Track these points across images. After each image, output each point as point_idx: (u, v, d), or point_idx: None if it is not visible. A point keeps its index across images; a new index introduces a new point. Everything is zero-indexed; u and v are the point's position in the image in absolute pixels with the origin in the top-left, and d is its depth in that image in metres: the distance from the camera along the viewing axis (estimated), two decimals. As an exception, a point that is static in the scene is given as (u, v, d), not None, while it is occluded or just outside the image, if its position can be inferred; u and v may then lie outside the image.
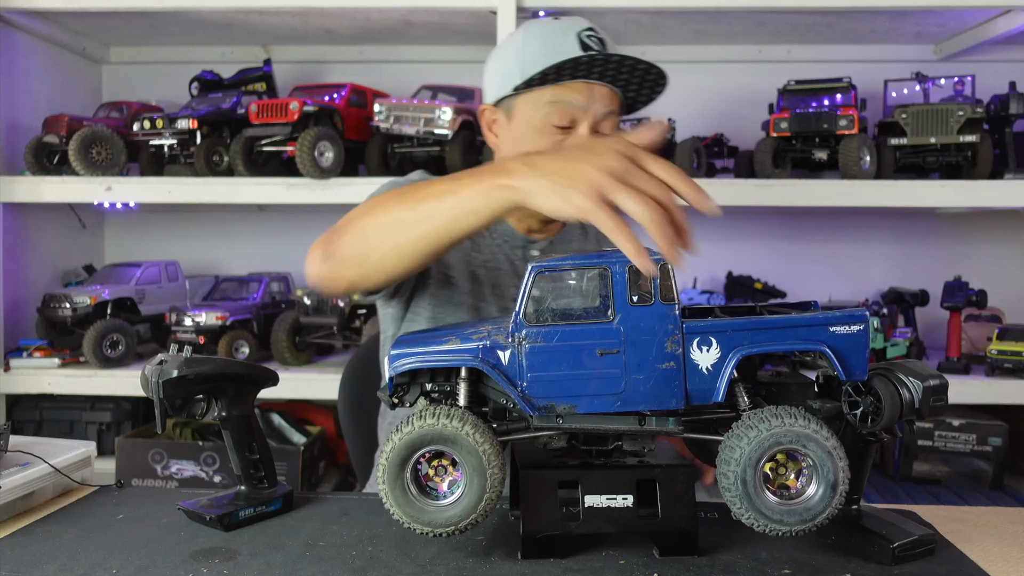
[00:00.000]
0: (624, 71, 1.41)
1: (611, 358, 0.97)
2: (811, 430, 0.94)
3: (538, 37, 1.45)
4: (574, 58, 1.36)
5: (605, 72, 1.41)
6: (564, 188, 0.91)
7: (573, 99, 1.41)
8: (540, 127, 1.43)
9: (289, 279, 3.05)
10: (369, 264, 1.16)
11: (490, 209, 1.01)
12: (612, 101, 1.44)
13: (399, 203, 1.11)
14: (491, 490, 0.95)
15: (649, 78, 1.44)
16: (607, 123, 1.44)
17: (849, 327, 0.98)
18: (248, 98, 2.76)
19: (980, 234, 3.11)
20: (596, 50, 1.40)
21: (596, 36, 1.43)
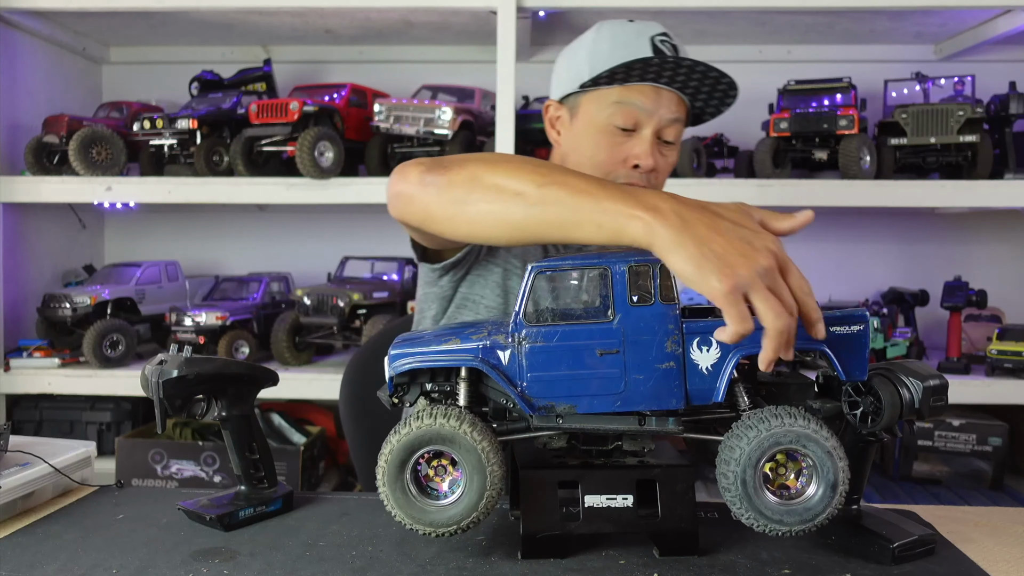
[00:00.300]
0: (695, 78, 1.37)
1: (611, 358, 0.97)
2: (811, 430, 0.94)
3: (610, 37, 1.42)
4: (643, 59, 1.32)
5: (675, 78, 1.36)
6: (707, 262, 0.87)
7: (639, 101, 1.37)
8: (603, 127, 1.40)
9: (289, 279, 3.05)
10: (463, 212, 1.07)
11: (616, 233, 0.95)
12: (679, 108, 1.40)
13: (528, 171, 1.02)
14: (491, 487, 0.95)
15: (720, 87, 1.40)
16: (671, 130, 1.40)
17: (849, 327, 0.98)
18: (248, 98, 2.76)
19: (980, 234, 3.11)
20: (668, 54, 1.36)
21: (670, 41, 1.40)
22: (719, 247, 0.88)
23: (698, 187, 2.58)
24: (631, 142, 1.39)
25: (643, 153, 1.37)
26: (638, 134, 1.38)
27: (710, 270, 0.87)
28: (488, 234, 1.06)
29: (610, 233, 0.95)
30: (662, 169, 1.41)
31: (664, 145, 1.41)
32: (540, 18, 2.74)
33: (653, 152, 1.38)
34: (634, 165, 1.38)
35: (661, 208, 0.93)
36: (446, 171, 1.09)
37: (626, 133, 1.39)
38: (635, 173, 1.39)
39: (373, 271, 2.94)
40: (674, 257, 0.89)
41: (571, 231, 0.98)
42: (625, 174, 1.39)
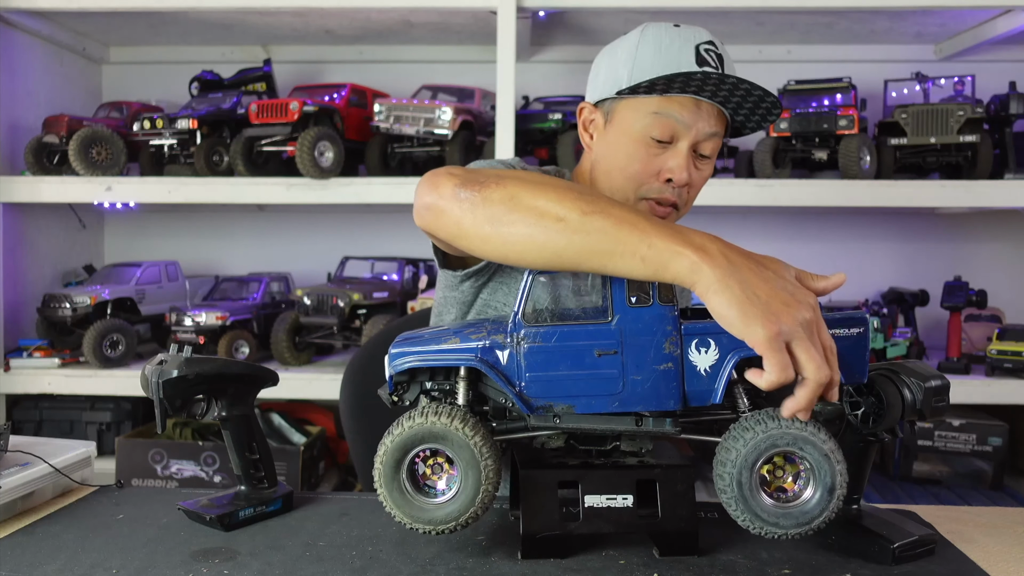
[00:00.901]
0: (738, 94, 1.32)
1: (609, 359, 0.97)
2: (808, 433, 0.93)
3: (654, 43, 1.36)
4: (687, 72, 1.28)
5: (717, 92, 1.32)
6: (752, 307, 0.89)
7: (678, 114, 1.32)
8: (638, 137, 1.35)
9: (289, 279, 3.05)
10: (499, 232, 1.02)
11: (660, 268, 0.93)
12: (719, 122, 1.35)
13: (572, 197, 0.99)
14: (487, 482, 0.96)
15: (763, 105, 1.35)
16: (708, 144, 1.35)
17: (849, 330, 0.98)
18: (248, 98, 2.76)
19: (980, 234, 3.11)
20: (713, 66, 1.32)
21: (715, 51, 1.35)
22: (764, 294, 0.90)
23: (698, 187, 2.58)
24: (666, 155, 1.34)
25: (678, 167, 1.33)
26: (674, 147, 1.34)
27: (754, 316, 0.88)
28: (523, 258, 1.02)
29: (654, 268, 0.93)
30: (696, 184, 1.37)
31: (700, 159, 1.36)
32: (540, 18, 2.74)
33: (688, 166, 1.33)
34: (667, 179, 1.34)
35: (708, 248, 0.93)
36: (482, 187, 1.04)
37: (661, 145, 1.34)
38: (667, 187, 1.35)
39: (373, 271, 2.94)
40: (718, 299, 0.90)
41: (613, 262, 0.95)
42: (658, 188, 1.35)
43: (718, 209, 3.01)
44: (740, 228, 3.14)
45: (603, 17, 2.76)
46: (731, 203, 2.58)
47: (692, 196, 1.39)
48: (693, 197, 1.40)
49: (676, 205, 1.36)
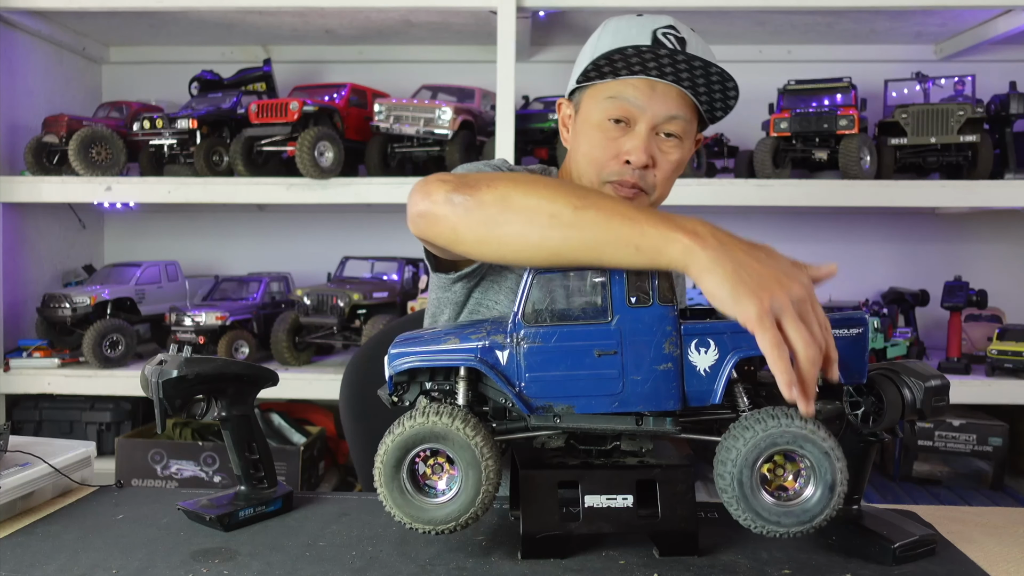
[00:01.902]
0: (699, 75, 1.32)
1: (609, 359, 0.97)
2: (808, 431, 0.93)
3: (613, 32, 1.38)
4: (627, 48, 1.28)
5: (677, 73, 1.32)
6: (743, 285, 0.89)
7: (632, 96, 1.33)
8: (597, 122, 1.36)
9: (289, 279, 3.05)
10: (493, 233, 1.04)
11: (654, 255, 0.95)
12: (680, 105, 1.34)
13: (563, 194, 1.02)
14: (487, 482, 0.96)
15: (729, 85, 1.35)
16: (671, 126, 1.35)
17: (848, 330, 0.98)
18: (248, 98, 2.76)
19: (980, 234, 3.11)
20: (669, 47, 1.31)
21: (675, 34, 1.34)
22: (755, 272, 0.90)
23: (698, 187, 2.58)
24: (625, 137, 1.35)
25: (635, 148, 1.33)
26: (632, 129, 1.35)
27: (745, 293, 0.88)
28: (519, 257, 1.03)
29: (648, 256, 0.95)
30: (661, 166, 1.37)
31: (665, 142, 1.36)
32: (540, 18, 2.74)
33: (647, 147, 1.34)
34: (626, 161, 1.35)
35: (700, 232, 0.96)
36: (475, 191, 1.05)
37: (621, 128, 1.35)
38: (627, 169, 1.35)
39: (373, 271, 2.94)
40: (710, 278, 0.91)
41: (607, 253, 0.97)
42: (618, 170, 1.36)
43: (718, 209, 3.01)
44: (740, 228, 3.10)
45: (603, 17, 2.72)
46: (731, 203, 2.58)
47: (660, 179, 1.38)
48: (661, 180, 1.38)
49: (642, 188, 1.36)
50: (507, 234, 1.02)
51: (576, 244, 0.98)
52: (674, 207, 3.03)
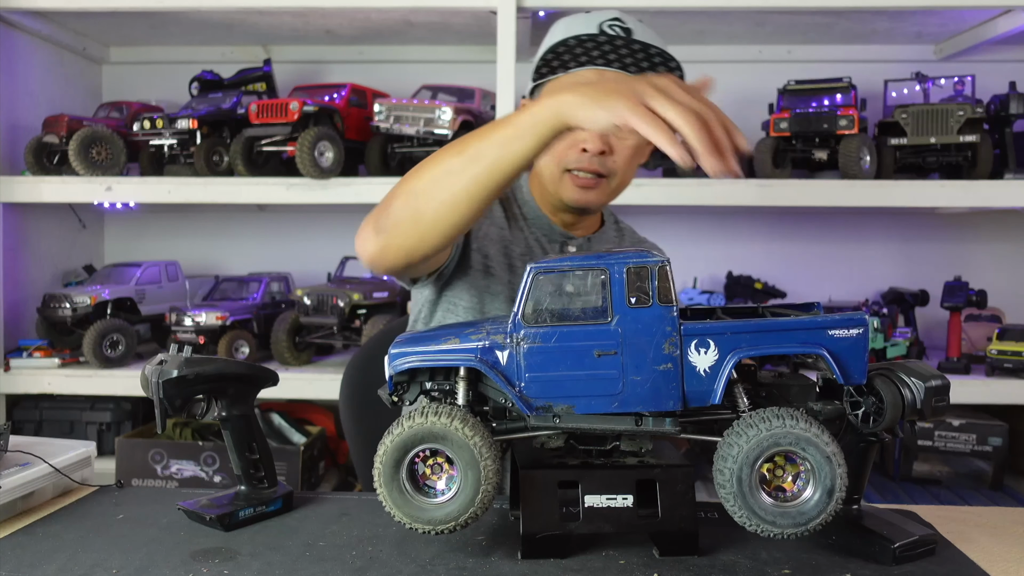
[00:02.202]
0: (643, 60, 1.38)
1: (609, 359, 0.97)
2: (811, 434, 0.93)
3: (564, 30, 1.43)
4: (564, 41, 1.35)
5: (624, 61, 1.37)
6: (606, 98, 0.97)
7: None
8: None
9: (289, 279, 3.05)
10: (425, 223, 1.14)
11: (534, 129, 1.04)
12: None
13: (445, 153, 1.13)
14: (486, 482, 0.96)
15: (671, 65, 1.40)
16: None
17: (848, 331, 0.98)
18: (248, 98, 2.76)
19: (980, 234, 3.11)
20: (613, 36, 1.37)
21: (621, 25, 1.40)
22: (614, 84, 1.00)
23: (698, 187, 2.58)
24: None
25: (589, 136, 1.39)
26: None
27: (610, 99, 0.97)
28: (457, 219, 1.13)
29: (535, 133, 1.05)
30: (619, 151, 1.43)
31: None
32: (540, 18, 2.74)
33: (599, 135, 1.39)
34: (583, 149, 1.41)
35: (553, 91, 1.10)
36: (386, 207, 1.18)
37: None
38: (585, 156, 1.42)
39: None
40: (582, 112, 1.00)
41: (506, 159, 1.07)
42: (576, 158, 1.42)
43: (718, 209, 3.01)
44: (740, 228, 3.14)
45: (603, 17, 2.75)
46: (731, 203, 2.58)
47: (622, 164, 1.44)
48: (624, 165, 1.45)
49: (602, 174, 1.43)
50: (432, 214, 1.13)
51: (480, 176, 1.09)
52: (674, 207, 3.03)
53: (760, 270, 3.07)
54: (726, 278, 3.04)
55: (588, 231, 1.61)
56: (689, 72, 3.24)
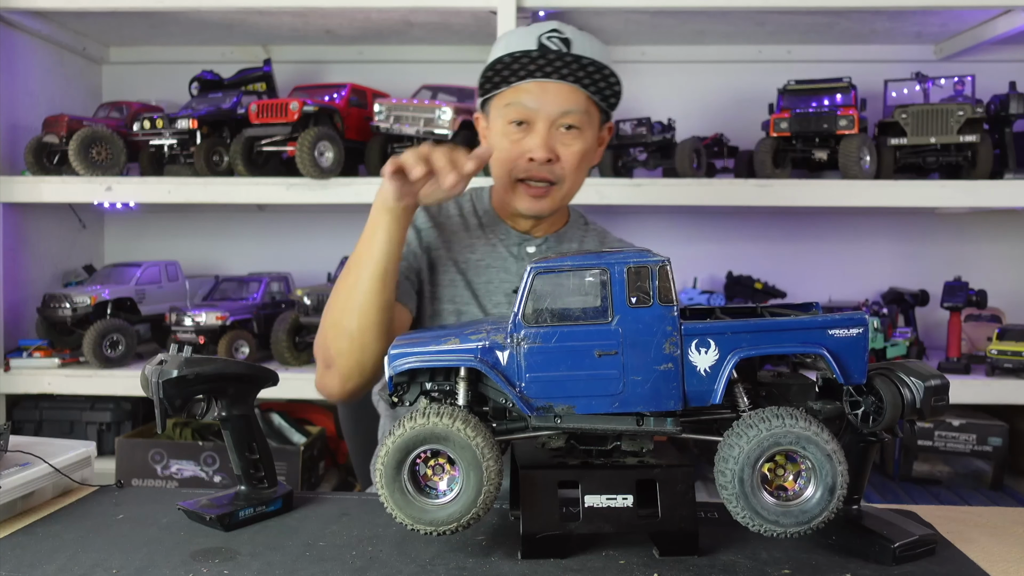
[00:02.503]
0: (579, 71, 1.45)
1: (609, 359, 0.97)
2: (812, 432, 0.94)
3: (504, 45, 1.50)
4: (501, 59, 1.44)
5: (563, 71, 1.45)
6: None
7: (525, 100, 1.47)
8: (501, 128, 1.50)
9: (289, 279, 3.05)
10: (358, 334, 1.36)
11: (379, 219, 1.34)
12: (572, 99, 1.47)
13: (340, 280, 1.40)
14: (488, 483, 0.96)
15: (606, 72, 1.47)
16: (567, 119, 1.47)
17: (848, 330, 0.98)
18: (248, 98, 2.76)
19: (980, 234, 3.11)
20: (554, 50, 1.44)
21: (559, 36, 1.46)
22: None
23: (698, 187, 2.58)
24: (527, 137, 1.48)
25: (535, 146, 1.46)
26: (533, 129, 1.48)
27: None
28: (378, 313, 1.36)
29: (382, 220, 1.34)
30: (566, 158, 1.49)
31: (565, 134, 1.48)
32: (540, 18, 2.73)
33: (547, 143, 1.46)
34: (531, 158, 1.48)
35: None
36: (323, 347, 1.42)
37: (523, 129, 1.48)
38: (533, 165, 1.48)
39: (373, 271, 2.93)
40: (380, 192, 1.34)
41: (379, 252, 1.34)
42: (525, 167, 1.49)
43: (718, 209, 3.01)
44: (740, 228, 3.14)
45: (603, 17, 2.76)
46: (731, 203, 2.58)
47: (570, 170, 1.51)
48: (573, 171, 1.52)
49: (551, 181, 1.50)
50: (359, 323, 1.35)
51: (372, 271, 1.34)
52: (674, 207, 3.03)
53: (760, 270, 3.07)
54: (726, 278, 3.04)
55: (550, 230, 1.66)
56: (689, 72, 3.26)
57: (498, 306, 1.57)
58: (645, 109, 2.92)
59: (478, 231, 1.62)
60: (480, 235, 1.62)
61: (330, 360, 1.41)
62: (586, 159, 1.53)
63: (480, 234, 1.62)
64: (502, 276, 1.59)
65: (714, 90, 3.11)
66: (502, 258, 1.60)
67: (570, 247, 1.65)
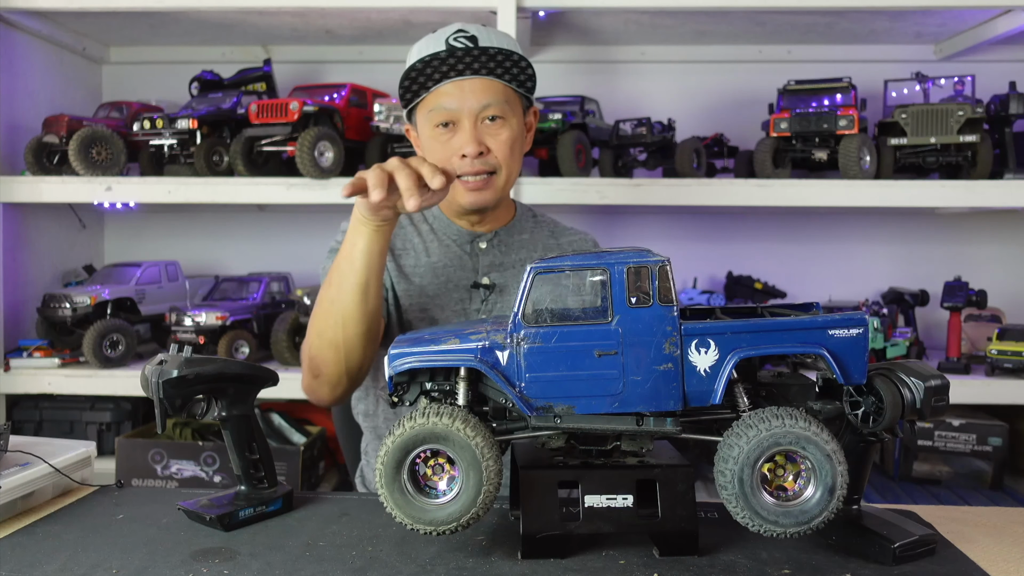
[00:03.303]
0: (489, 62, 1.49)
1: (609, 359, 0.97)
2: (811, 432, 0.94)
3: (416, 53, 1.54)
4: (413, 66, 1.47)
5: (473, 65, 1.48)
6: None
7: (445, 102, 1.50)
8: (431, 134, 1.54)
9: (289, 279, 3.05)
10: (342, 342, 1.39)
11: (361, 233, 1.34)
12: (488, 92, 1.51)
13: (322, 292, 1.42)
14: (488, 483, 0.96)
15: (515, 58, 1.50)
16: (489, 111, 1.51)
17: (848, 331, 0.98)
18: (248, 98, 2.76)
19: (980, 234, 3.11)
20: (460, 47, 1.48)
21: (466, 34, 1.50)
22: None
23: (698, 187, 2.58)
24: (455, 137, 1.52)
25: (464, 143, 1.50)
26: (458, 127, 1.51)
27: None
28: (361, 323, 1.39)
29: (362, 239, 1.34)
30: (496, 148, 1.53)
31: (490, 126, 1.52)
32: (540, 18, 2.74)
33: (474, 138, 1.50)
34: (463, 155, 1.51)
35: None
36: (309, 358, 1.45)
37: (450, 130, 1.52)
38: (467, 161, 1.51)
39: (373, 271, 2.93)
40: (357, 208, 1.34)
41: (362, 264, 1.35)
42: (459, 164, 1.52)
43: (718, 209, 3.01)
44: (740, 228, 3.14)
45: (603, 17, 2.76)
46: (731, 203, 2.58)
47: (504, 158, 1.55)
48: (507, 159, 1.55)
49: (488, 172, 1.54)
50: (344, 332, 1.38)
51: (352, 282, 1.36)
52: (674, 207, 3.03)
53: (760, 270, 3.07)
54: (726, 278, 3.04)
55: (497, 224, 1.69)
56: (689, 72, 3.26)
57: (460, 302, 1.62)
58: (645, 109, 2.92)
59: (430, 235, 1.67)
60: (432, 238, 1.67)
61: (317, 370, 1.45)
62: (516, 145, 1.57)
63: (432, 237, 1.67)
64: (459, 274, 1.63)
65: (714, 90, 3.12)
66: (457, 256, 1.65)
67: (521, 238, 1.70)
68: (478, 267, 1.64)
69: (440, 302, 1.62)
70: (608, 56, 3.13)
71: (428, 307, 1.62)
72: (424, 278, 1.64)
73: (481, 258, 1.65)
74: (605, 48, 3.12)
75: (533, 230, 1.74)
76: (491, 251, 1.66)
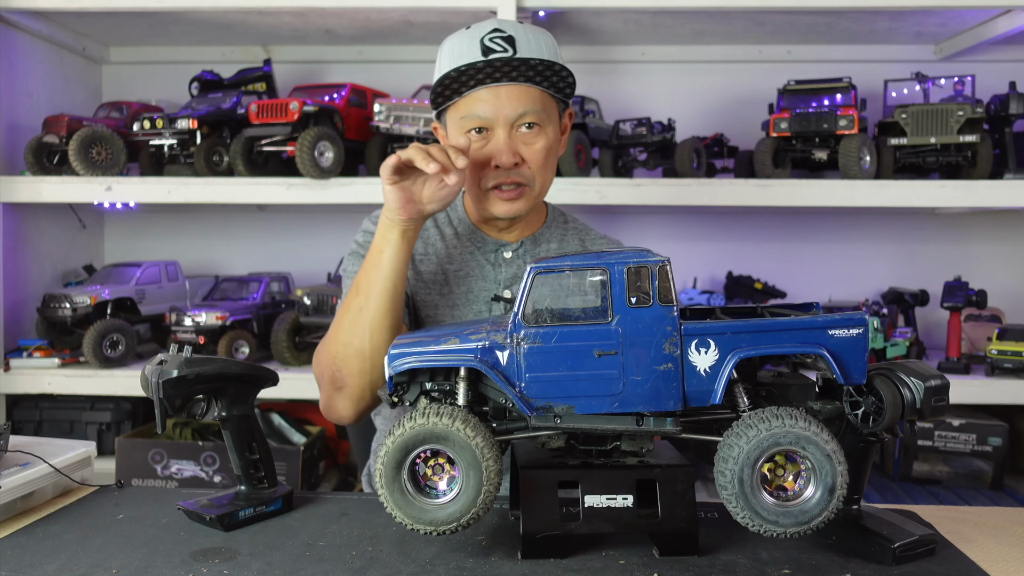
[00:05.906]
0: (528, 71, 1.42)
1: (609, 359, 0.97)
2: (811, 432, 0.94)
3: (448, 52, 1.47)
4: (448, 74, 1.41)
5: (514, 72, 1.41)
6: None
7: (479, 110, 1.43)
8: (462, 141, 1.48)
9: (289, 279, 3.05)
10: (369, 352, 1.35)
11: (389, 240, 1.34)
12: (526, 99, 1.43)
13: (347, 301, 1.39)
14: (488, 483, 0.96)
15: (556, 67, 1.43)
16: (525, 119, 1.44)
17: (848, 331, 0.98)
18: (248, 98, 2.76)
19: (980, 234, 3.11)
20: (500, 51, 1.41)
21: (502, 35, 1.43)
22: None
23: (698, 187, 2.58)
24: (489, 145, 1.44)
25: (498, 152, 1.43)
26: (493, 134, 1.44)
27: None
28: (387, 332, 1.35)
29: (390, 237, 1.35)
30: (532, 159, 1.46)
31: (525, 134, 1.45)
32: (540, 18, 2.74)
33: (510, 147, 1.43)
34: (496, 166, 1.45)
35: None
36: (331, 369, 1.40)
37: (484, 136, 1.45)
38: (501, 172, 1.45)
39: (373, 271, 2.93)
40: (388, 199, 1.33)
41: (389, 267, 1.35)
42: (492, 175, 1.46)
43: (718, 209, 3.01)
44: (740, 228, 3.14)
45: (603, 17, 2.76)
46: (731, 203, 2.58)
47: (537, 169, 1.48)
48: (537, 171, 1.48)
49: (522, 183, 1.47)
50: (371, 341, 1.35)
51: (380, 290, 1.35)
52: (674, 207, 3.03)
53: (760, 270, 3.07)
54: (726, 278, 3.04)
55: (525, 233, 1.62)
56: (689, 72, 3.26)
57: (479, 314, 1.55)
58: (645, 109, 2.92)
59: (454, 240, 1.60)
60: (456, 244, 1.60)
61: (340, 382, 1.39)
62: (551, 153, 1.51)
63: (456, 243, 1.60)
64: (481, 284, 1.56)
65: (714, 90, 3.11)
66: (480, 266, 1.58)
67: (548, 247, 1.62)
68: (500, 279, 1.56)
69: (459, 312, 1.56)
70: (608, 56, 3.13)
71: (446, 319, 1.56)
72: (444, 287, 1.58)
73: (504, 269, 1.57)
74: (605, 48, 3.12)
75: (562, 239, 1.65)
76: (515, 261, 1.57)
